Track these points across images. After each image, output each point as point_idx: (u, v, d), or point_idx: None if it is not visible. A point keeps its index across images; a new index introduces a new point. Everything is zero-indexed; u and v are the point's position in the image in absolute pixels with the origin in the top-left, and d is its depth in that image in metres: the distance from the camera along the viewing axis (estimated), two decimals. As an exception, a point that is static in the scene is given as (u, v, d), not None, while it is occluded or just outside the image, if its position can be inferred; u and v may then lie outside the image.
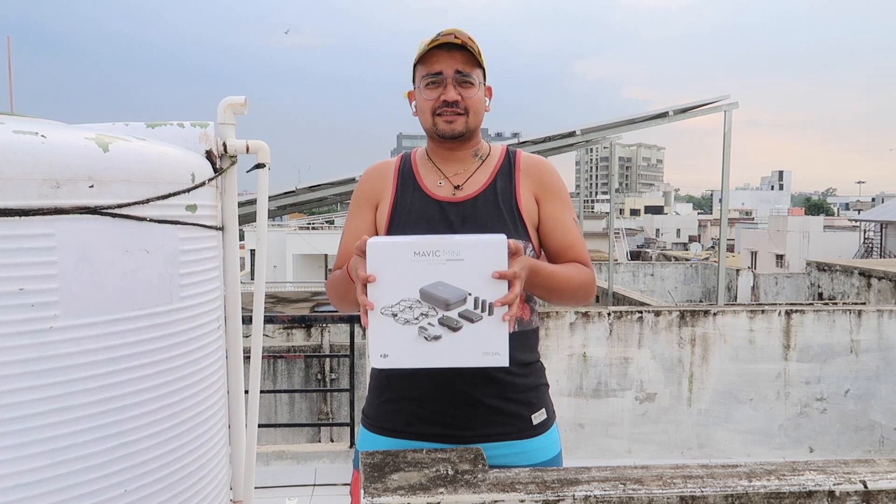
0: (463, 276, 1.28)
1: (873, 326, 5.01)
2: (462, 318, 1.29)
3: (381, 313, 1.29)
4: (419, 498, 1.17)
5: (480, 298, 1.28)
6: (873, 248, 29.49)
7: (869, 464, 1.31)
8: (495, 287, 1.28)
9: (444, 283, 1.28)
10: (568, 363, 4.86)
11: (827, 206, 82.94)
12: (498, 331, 1.29)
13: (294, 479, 4.01)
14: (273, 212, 12.12)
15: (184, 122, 1.51)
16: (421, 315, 1.29)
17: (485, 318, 1.28)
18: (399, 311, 1.29)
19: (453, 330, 1.29)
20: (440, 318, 1.29)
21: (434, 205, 1.58)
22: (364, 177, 1.70)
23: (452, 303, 1.28)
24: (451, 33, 1.53)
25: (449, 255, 1.28)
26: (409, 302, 1.29)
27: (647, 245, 40.38)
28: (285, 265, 26.44)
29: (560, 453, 1.65)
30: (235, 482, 1.70)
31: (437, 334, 1.29)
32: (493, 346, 1.30)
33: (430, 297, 1.28)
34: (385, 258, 1.29)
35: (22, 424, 1.14)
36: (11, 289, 1.12)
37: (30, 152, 1.14)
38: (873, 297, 9.89)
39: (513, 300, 1.28)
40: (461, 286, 1.28)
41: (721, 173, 9.14)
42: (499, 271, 1.27)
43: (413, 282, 1.28)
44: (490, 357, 1.30)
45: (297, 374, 7.75)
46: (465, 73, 1.55)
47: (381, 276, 1.28)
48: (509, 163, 1.64)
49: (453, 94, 1.54)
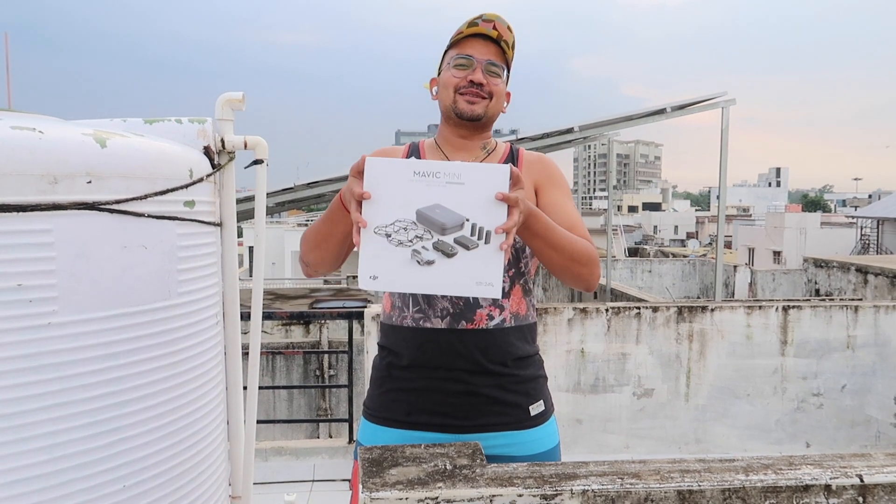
0: (462, 201, 1.24)
1: (870, 322, 5.03)
2: (458, 244, 1.25)
3: (374, 232, 1.25)
4: (417, 492, 1.17)
5: (478, 225, 1.24)
6: (870, 244, 29.54)
7: (865, 458, 1.31)
8: (494, 215, 1.24)
9: (441, 206, 1.24)
10: (566, 359, 4.87)
11: (824, 203, 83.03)
12: (493, 260, 1.25)
13: (293, 475, 4.01)
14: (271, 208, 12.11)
15: (182, 118, 1.51)
16: (416, 237, 1.25)
17: (481, 245, 1.25)
18: (393, 232, 1.25)
19: (448, 256, 1.25)
20: (435, 242, 1.25)
21: None
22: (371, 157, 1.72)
23: (449, 227, 1.24)
24: (492, 21, 1.57)
25: (449, 177, 1.24)
26: (405, 223, 1.25)
27: (644, 242, 40.40)
28: (284, 262, 26.42)
29: (558, 445, 1.66)
30: (234, 478, 1.70)
31: (430, 259, 1.25)
32: (486, 275, 1.26)
33: (427, 219, 1.24)
34: (383, 175, 1.24)
35: (20, 420, 1.15)
36: (9, 284, 1.12)
37: (27, 148, 1.13)
38: (870, 294, 9.91)
39: (512, 227, 1.25)
40: (459, 211, 1.24)
41: (719, 170, 9.15)
42: (501, 193, 1.24)
43: (410, 202, 1.24)
44: (483, 287, 1.26)
45: (296, 371, 7.75)
46: (495, 62, 1.58)
47: (377, 193, 1.24)
48: (513, 157, 1.67)
49: (480, 76, 1.56)
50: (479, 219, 1.25)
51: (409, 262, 1.26)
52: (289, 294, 14.25)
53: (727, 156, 9.07)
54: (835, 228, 34.07)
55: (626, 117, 10.54)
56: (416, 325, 1.56)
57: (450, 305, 1.54)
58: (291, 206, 16.47)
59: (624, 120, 10.55)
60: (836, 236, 31.96)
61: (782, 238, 31.08)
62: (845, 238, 31.81)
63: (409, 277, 1.26)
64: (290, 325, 8.29)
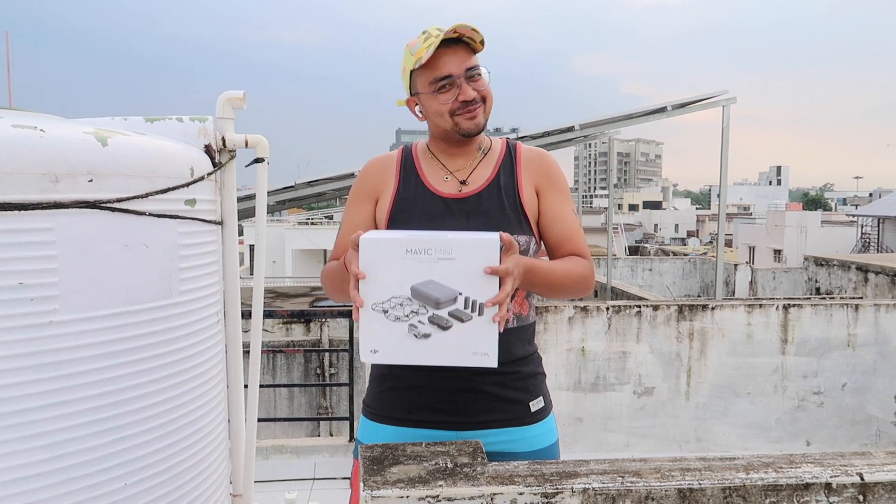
0: (454, 275, 1.28)
1: (870, 321, 5.03)
2: (452, 317, 1.29)
3: (371, 309, 1.29)
4: (418, 490, 1.17)
5: (471, 298, 1.28)
6: (870, 243, 29.52)
7: (865, 456, 1.31)
8: (486, 287, 1.28)
9: (435, 281, 1.28)
10: (566, 357, 4.87)
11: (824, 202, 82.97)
12: (487, 331, 1.29)
13: (293, 473, 4.01)
14: (272, 207, 12.11)
15: (182, 117, 1.51)
16: (411, 312, 1.29)
17: (475, 318, 1.28)
18: (390, 308, 1.29)
19: (443, 329, 1.29)
20: (430, 316, 1.29)
21: (437, 201, 1.57)
22: (364, 170, 1.69)
23: (443, 302, 1.28)
24: (454, 28, 1.49)
25: (441, 253, 1.28)
26: (400, 299, 1.29)
27: (645, 240, 40.38)
28: (284, 260, 26.41)
29: (557, 442, 1.67)
30: (235, 476, 1.70)
31: (426, 332, 1.29)
32: (482, 346, 1.30)
33: (421, 295, 1.28)
34: (377, 254, 1.29)
35: (22, 418, 1.15)
36: (11, 283, 1.12)
37: (29, 146, 1.13)
38: (870, 292, 9.91)
39: (503, 299, 1.27)
40: (452, 285, 1.28)
41: (719, 168, 9.15)
42: (490, 267, 1.26)
43: (404, 279, 1.28)
44: (479, 357, 1.30)
45: (297, 369, 7.76)
46: (473, 66, 1.53)
47: (372, 272, 1.28)
48: (511, 156, 1.64)
49: (471, 93, 1.52)
50: (471, 292, 1.28)
51: (407, 336, 1.30)
52: (289, 292, 14.27)
53: (728, 154, 9.06)
54: (835, 227, 34.06)
55: (626, 116, 10.54)
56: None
57: None
58: (292, 205, 16.48)
59: (624, 119, 10.55)
60: (837, 235, 31.95)
61: (783, 236, 31.07)
62: (846, 236, 31.79)
63: (408, 350, 1.31)
64: (291, 324, 8.29)
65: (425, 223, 1.55)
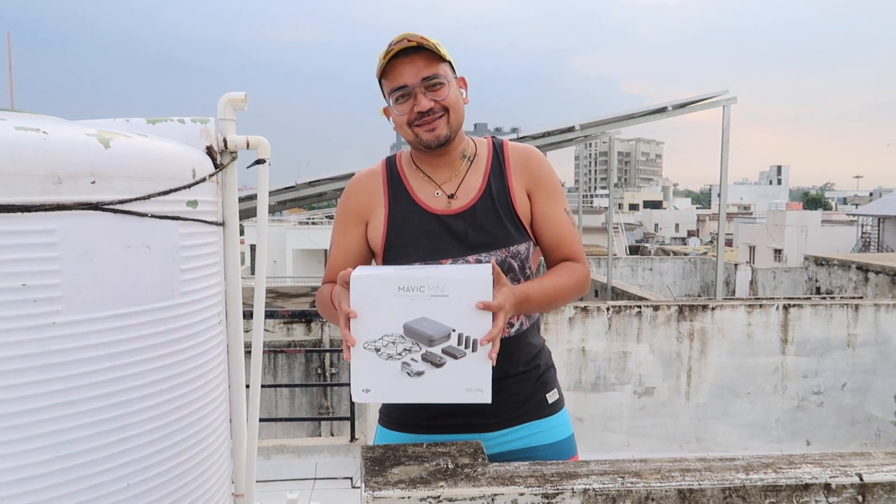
0: (447, 312, 1.27)
1: (870, 320, 5.03)
2: (445, 354, 1.28)
3: (363, 348, 1.28)
4: (420, 491, 1.18)
5: (464, 335, 1.27)
6: (871, 242, 29.51)
7: (865, 456, 1.32)
8: (479, 322, 1.27)
9: (427, 318, 1.27)
10: (567, 357, 4.88)
11: (825, 201, 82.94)
12: (481, 367, 1.28)
13: (295, 473, 4.02)
14: (273, 207, 12.11)
15: (184, 118, 1.52)
16: (404, 350, 1.28)
17: (468, 354, 1.28)
18: (382, 346, 1.28)
19: (436, 366, 1.28)
20: (423, 353, 1.28)
21: (432, 219, 1.54)
22: (349, 190, 1.64)
23: (436, 339, 1.27)
24: (404, 38, 1.45)
25: (433, 290, 1.27)
26: (393, 337, 1.28)
27: (645, 240, 40.36)
28: (285, 260, 26.42)
29: (573, 434, 1.68)
30: (237, 476, 1.71)
31: (419, 370, 1.29)
32: (475, 382, 1.29)
33: (414, 332, 1.27)
34: (369, 293, 1.27)
35: (25, 419, 1.15)
36: (14, 284, 1.13)
37: (31, 148, 1.14)
38: (870, 292, 9.91)
39: (497, 335, 1.27)
40: (445, 322, 1.27)
41: (720, 168, 9.14)
42: (483, 302, 1.26)
43: (397, 317, 1.27)
44: (473, 393, 1.30)
45: (298, 369, 7.76)
46: (431, 76, 1.46)
47: (364, 310, 1.27)
48: (499, 159, 1.59)
49: (426, 103, 1.46)
50: (465, 328, 1.28)
51: (400, 374, 1.29)
52: (290, 292, 14.28)
53: (728, 154, 9.06)
54: (836, 226, 34.05)
55: (627, 116, 10.53)
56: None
57: None
58: (293, 205, 16.48)
59: (625, 118, 10.54)
60: (837, 234, 31.94)
61: (783, 236, 31.06)
62: (846, 236, 31.78)
63: (401, 389, 1.30)
64: (292, 324, 8.29)
65: (424, 242, 1.52)
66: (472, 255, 1.52)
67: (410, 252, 1.53)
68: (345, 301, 1.29)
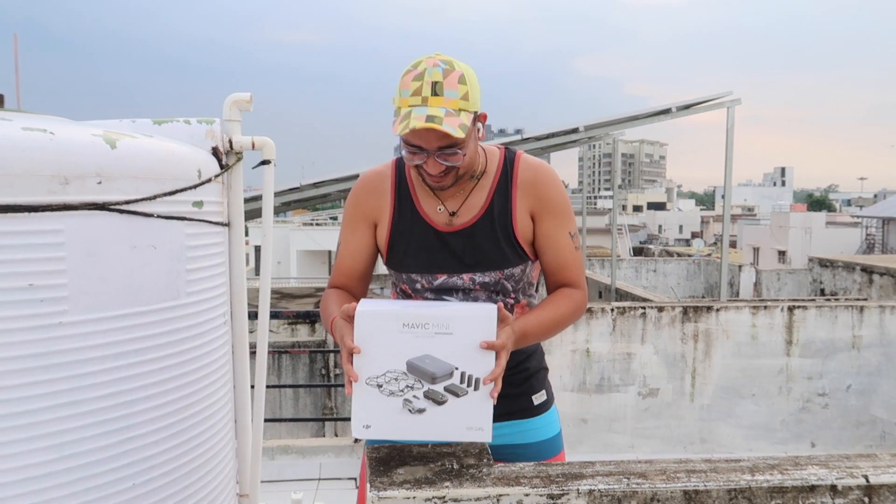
0: (451, 350, 1.27)
1: (875, 322, 5.01)
2: (448, 392, 1.28)
3: (366, 383, 1.28)
4: (425, 492, 1.18)
5: (467, 373, 1.27)
6: (875, 244, 29.43)
7: (871, 458, 1.31)
8: (482, 361, 1.27)
9: (431, 356, 1.27)
10: (571, 359, 4.87)
11: (829, 203, 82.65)
12: (482, 406, 1.28)
13: (299, 474, 4.02)
14: (277, 208, 12.12)
15: (190, 119, 1.52)
16: (406, 387, 1.28)
17: (470, 392, 1.28)
18: (385, 383, 1.28)
19: (438, 404, 1.28)
20: (426, 391, 1.28)
21: (433, 233, 1.54)
22: (359, 191, 1.62)
23: (439, 377, 1.27)
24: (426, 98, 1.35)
25: (438, 328, 1.27)
26: (396, 373, 1.28)
27: (649, 241, 40.32)
28: (289, 261, 26.44)
29: (560, 433, 1.70)
30: (241, 476, 1.71)
31: (421, 407, 1.29)
32: (476, 421, 1.29)
33: (417, 370, 1.27)
34: (373, 328, 1.27)
35: (31, 418, 1.16)
36: (21, 284, 1.13)
37: (38, 149, 1.14)
38: (875, 293, 9.88)
39: (500, 375, 1.28)
40: (448, 360, 1.27)
41: (724, 169, 9.13)
42: (487, 342, 1.27)
43: (400, 353, 1.27)
44: (473, 432, 1.30)
45: (302, 370, 7.76)
46: (448, 146, 1.39)
47: (368, 345, 1.27)
48: (506, 178, 1.55)
49: (436, 169, 1.42)
50: (467, 366, 1.28)
51: (401, 411, 1.29)
52: (294, 293, 14.29)
53: (732, 155, 9.05)
54: (840, 228, 33.94)
55: (630, 117, 10.52)
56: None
57: None
58: (297, 206, 16.50)
59: (629, 120, 10.53)
60: (842, 236, 31.84)
61: (787, 238, 30.98)
62: (850, 238, 31.69)
63: (402, 426, 1.30)
64: (296, 324, 8.31)
65: (423, 257, 1.54)
66: (466, 273, 1.53)
67: (409, 263, 1.55)
68: (348, 336, 1.29)
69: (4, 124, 1.15)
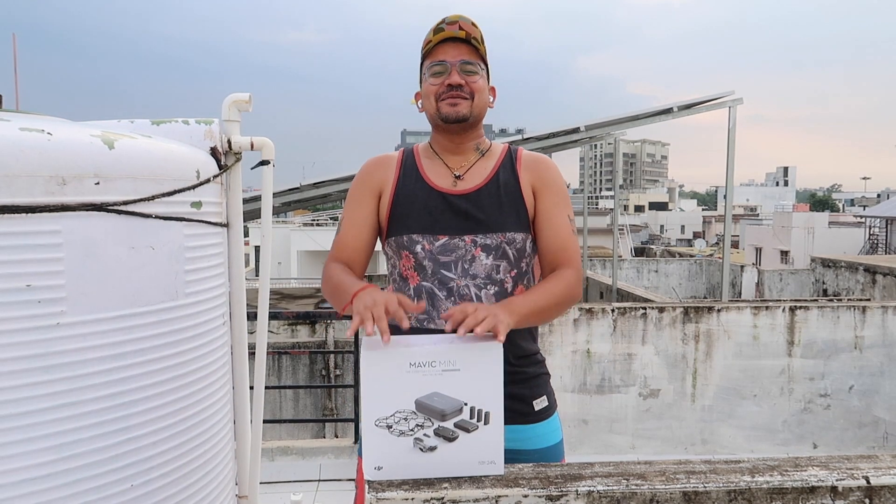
0: (459, 386, 1.27)
1: (878, 323, 5.00)
2: (458, 428, 1.28)
3: (375, 426, 1.27)
4: (423, 493, 1.18)
5: (476, 408, 1.27)
6: (878, 244, 29.39)
7: (872, 459, 1.31)
8: (491, 394, 1.27)
9: (439, 393, 1.27)
10: (572, 359, 4.87)
11: (832, 203, 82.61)
12: (493, 439, 1.28)
13: (299, 475, 4.02)
14: (277, 208, 12.13)
15: (189, 120, 1.52)
16: (416, 426, 1.27)
17: (481, 427, 1.28)
18: (394, 423, 1.27)
19: (449, 440, 1.28)
20: (436, 428, 1.27)
21: (437, 195, 1.59)
22: (365, 167, 1.70)
23: (448, 414, 1.27)
24: (456, 22, 1.56)
25: (445, 365, 1.26)
26: (405, 413, 1.27)
27: (651, 241, 40.30)
28: (290, 261, 26.48)
29: (561, 441, 1.67)
30: (241, 477, 1.71)
31: (432, 445, 1.28)
32: (488, 455, 1.28)
33: (426, 408, 1.27)
34: (380, 369, 1.27)
35: (29, 419, 1.15)
36: (19, 285, 1.13)
37: (36, 149, 1.14)
38: (878, 294, 9.87)
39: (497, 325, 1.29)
40: (457, 395, 1.27)
41: (725, 169, 9.12)
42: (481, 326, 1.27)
43: (408, 393, 1.26)
44: (485, 466, 1.29)
45: (302, 370, 7.76)
46: (470, 61, 1.58)
47: (376, 387, 1.26)
48: (511, 158, 1.66)
49: (457, 78, 1.57)
50: (476, 401, 1.27)
51: (412, 450, 1.28)
52: (294, 294, 14.30)
53: (734, 155, 9.04)
54: (843, 228, 33.91)
55: (632, 117, 10.51)
56: (420, 325, 1.56)
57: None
58: (297, 206, 16.50)
59: (630, 120, 10.52)
60: (844, 236, 31.80)
61: (790, 238, 30.96)
62: (853, 238, 31.65)
63: (414, 465, 1.29)
64: (296, 325, 8.31)
65: (425, 217, 1.57)
66: (468, 235, 1.56)
67: (411, 224, 1.58)
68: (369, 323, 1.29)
69: (2, 125, 1.15)
